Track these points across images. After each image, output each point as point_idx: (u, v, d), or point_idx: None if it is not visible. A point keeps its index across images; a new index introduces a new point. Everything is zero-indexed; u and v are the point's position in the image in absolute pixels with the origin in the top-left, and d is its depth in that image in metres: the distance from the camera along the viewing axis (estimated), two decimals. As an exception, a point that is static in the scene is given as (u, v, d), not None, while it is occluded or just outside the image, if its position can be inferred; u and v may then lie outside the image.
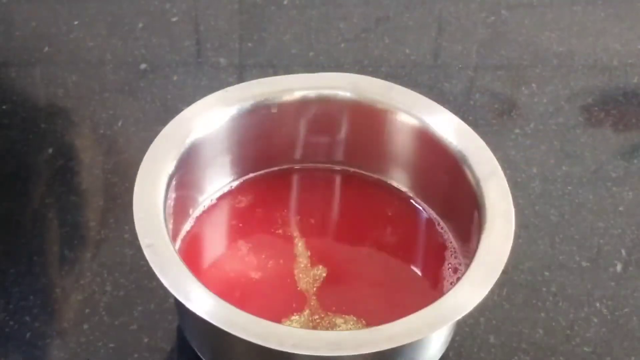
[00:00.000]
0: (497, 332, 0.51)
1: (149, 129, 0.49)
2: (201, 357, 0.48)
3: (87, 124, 0.62)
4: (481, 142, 0.49)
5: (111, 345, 0.50)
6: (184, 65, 0.67)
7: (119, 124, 0.62)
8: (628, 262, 0.56)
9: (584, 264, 0.55)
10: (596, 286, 0.54)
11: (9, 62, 0.66)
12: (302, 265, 0.50)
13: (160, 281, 0.52)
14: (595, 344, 0.51)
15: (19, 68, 0.66)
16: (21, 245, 0.54)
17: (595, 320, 0.52)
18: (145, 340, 0.50)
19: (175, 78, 0.65)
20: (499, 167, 0.48)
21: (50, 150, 0.60)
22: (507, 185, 0.47)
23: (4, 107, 0.63)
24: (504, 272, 0.54)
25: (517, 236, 0.55)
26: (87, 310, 0.51)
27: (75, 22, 0.69)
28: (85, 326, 0.51)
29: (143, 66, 0.66)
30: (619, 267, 0.55)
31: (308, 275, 0.50)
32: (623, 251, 0.56)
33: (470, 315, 0.52)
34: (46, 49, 0.67)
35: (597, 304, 0.53)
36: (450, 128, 0.50)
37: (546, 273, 0.55)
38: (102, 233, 0.55)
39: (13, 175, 0.58)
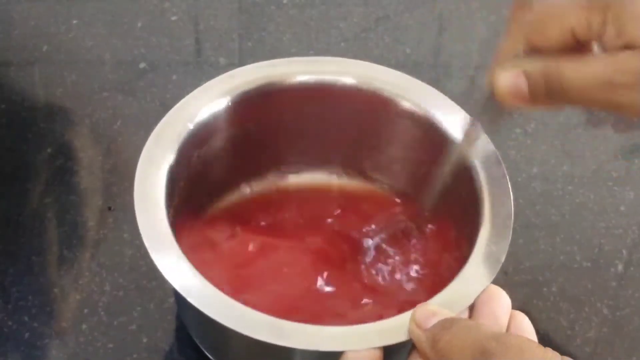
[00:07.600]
0: (497, 332, 0.51)
1: (148, 128, 0.48)
2: (200, 345, 0.48)
3: (86, 123, 0.62)
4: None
5: (110, 345, 0.50)
6: (184, 64, 0.67)
7: (118, 123, 0.62)
8: (629, 262, 0.56)
9: (584, 263, 0.55)
10: (597, 286, 0.54)
11: (7, 62, 0.66)
12: (303, 263, 0.50)
13: (159, 281, 0.52)
14: (596, 344, 0.51)
15: (18, 67, 0.66)
16: (20, 245, 0.54)
17: (596, 320, 0.52)
18: (145, 340, 0.50)
19: (174, 77, 0.65)
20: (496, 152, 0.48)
21: (49, 150, 0.60)
22: (504, 170, 0.47)
23: (2, 106, 0.62)
24: (505, 272, 0.54)
25: (517, 236, 0.56)
26: (86, 310, 0.51)
27: (75, 22, 0.69)
28: (84, 326, 0.51)
29: (142, 65, 0.66)
30: (620, 267, 0.55)
31: (309, 272, 0.50)
32: (624, 251, 0.56)
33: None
34: (45, 48, 0.67)
35: (598, 304, 0.53)
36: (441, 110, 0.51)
37: (547, 273, 0.55)
38: (101, 233, 0.55)
39: (12, 175, 0.58)
